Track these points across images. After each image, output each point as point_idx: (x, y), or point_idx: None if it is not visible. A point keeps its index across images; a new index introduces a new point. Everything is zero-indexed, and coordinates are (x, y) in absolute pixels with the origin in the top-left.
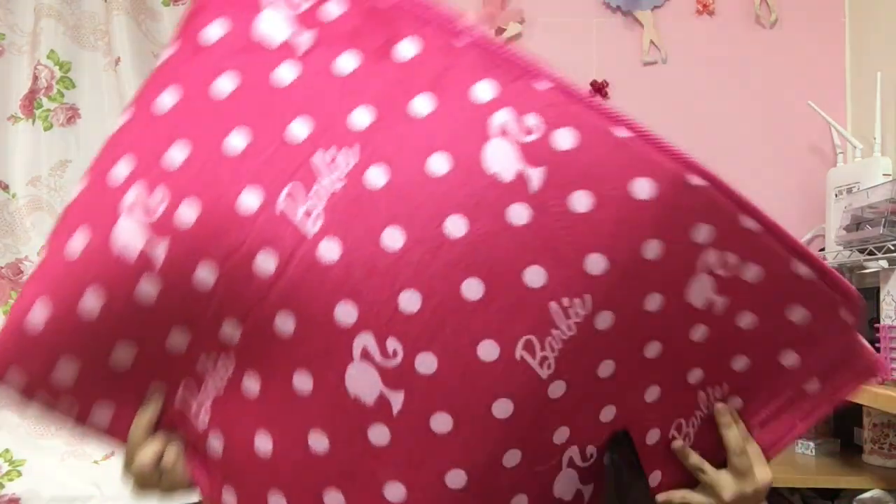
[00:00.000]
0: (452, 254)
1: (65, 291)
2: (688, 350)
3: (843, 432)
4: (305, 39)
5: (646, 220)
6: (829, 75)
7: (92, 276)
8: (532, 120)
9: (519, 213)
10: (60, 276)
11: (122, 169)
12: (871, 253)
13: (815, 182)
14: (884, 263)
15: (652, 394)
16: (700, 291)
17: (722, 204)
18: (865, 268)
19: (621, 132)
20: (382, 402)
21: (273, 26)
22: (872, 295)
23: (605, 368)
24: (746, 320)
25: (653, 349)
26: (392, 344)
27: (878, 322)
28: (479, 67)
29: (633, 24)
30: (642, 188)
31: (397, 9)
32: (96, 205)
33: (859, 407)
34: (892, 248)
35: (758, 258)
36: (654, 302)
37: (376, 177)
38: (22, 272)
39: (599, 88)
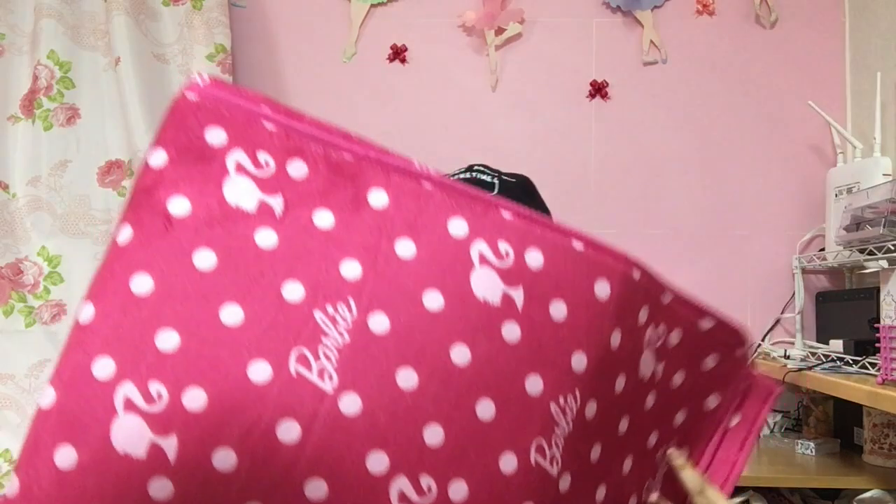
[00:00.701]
0: (463, 381)
1: None
2: (645, 418)
3: (843, 432)
4: (278, 202)
5: (609, 315)
6: (829, 75)
7: (94, 489)
8: (504, 246)
9: (512, 331)
10: (53, 496)
11: (102, 370)
12: (871, 253)
13: (815, 182)
14: (884, 263)
15: (627, 465)
16: (647, 364)
17: (651, 287)
18: (865, 268)
19: (577, 244)
20: None
21: (243, 193)
22: (872, 295)
23: (595, 452)
24: (678, 379)
25: (623, 425)
26: (425, 480)
27: (878, 322)
28: (448, 207)
29: (633, 24)
30: (602, 289)
31: (360, 161)
32: (82, 408)
33: (859, 407)
34: (892, 248)
35: (676, 324)
36: (620, 383)
37: (379, 324)
38: (22, 272)
39: (599, 88)
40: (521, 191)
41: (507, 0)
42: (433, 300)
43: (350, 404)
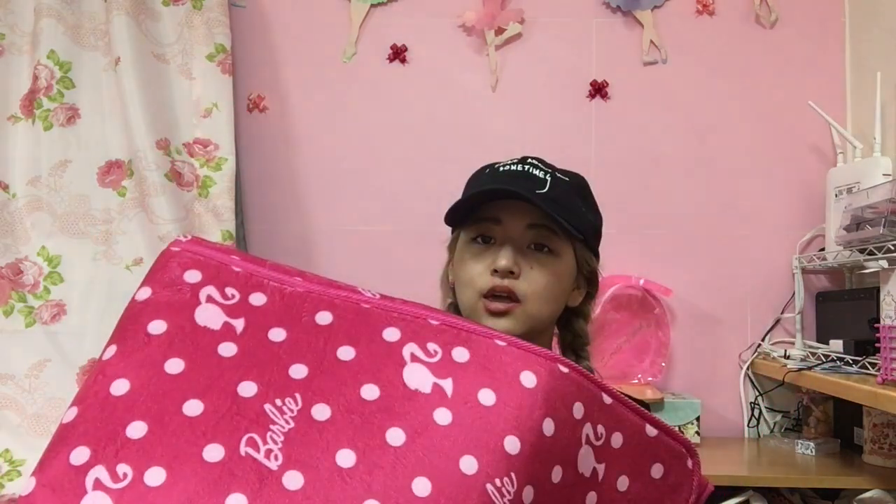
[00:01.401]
0: (398, 459)
1: None
2: None
3: (843, 432)
4: (240, 323)
5: (538, 403)
6: (829, 75)
7: None
8: (433, 346)
9: (443, 416)
10: None
11: (78, 457)
12: (871, 253)
13: (815, 182)
14: (884, 263)
15: None
16: (586, 461)
17: (585, 385)
18: (865, 268)
19: (500, 342)
20: None
21: (211, 316)
22: (872, 295)
23: None
24: (623, 483)
25: None
26: None
27: (878, 322)
28: (384, 320)
29: (633, 24)
30: (528, 378)
31: (309, 291)
32: (56, 491)
33: (859, 407)
34: (892, 248)
35: (618, 426)
36: (557, 474)
37: (321, 412)
38: (22, 272)
39: (599, 88)
40: (572, 189)
41: (507, 0)
42: (369, 391)
43: (292, 480)
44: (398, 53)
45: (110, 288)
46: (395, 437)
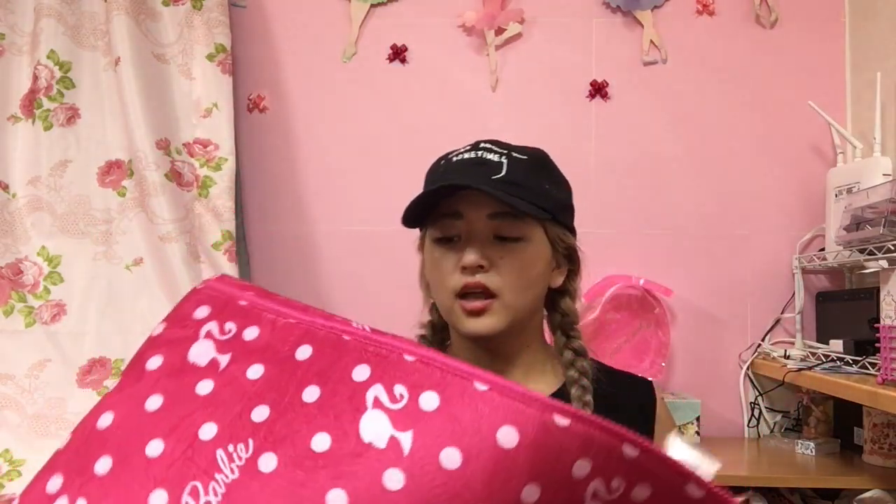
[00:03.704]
0: None
1: None
2: None
3: (843, 432)
4: (226, 359)
5: (518, 468)
6: (829, 75)
7: None
8: (400, 388)
9: (394, 478)
10: None
11: (53, 484)
12: (871, 253)
13: (815, 182)
14: (884, 263)
15: None
16: None
17: (596, 438)
18: (865, 268)
19: (481, 386)
20: None
21: (201, 352)
22: (872, 295)
23: None
24: None
25: None
26: None
27: (878, 322)
28: (358, 354)
29: (633, 24)
30: (508, 436)
31: (298, 323)
32: None
33: (859, 407)
34: (892, 248)
35: (644, 479)
36: None
37: (266, 463)
38: (22, 272)
39: (599, 88)
40: (532, 167)
41: (507, 0)
42: (321, 441)
43: None
44: (398, 53)
45: (110, 288)
46: (336, 498)
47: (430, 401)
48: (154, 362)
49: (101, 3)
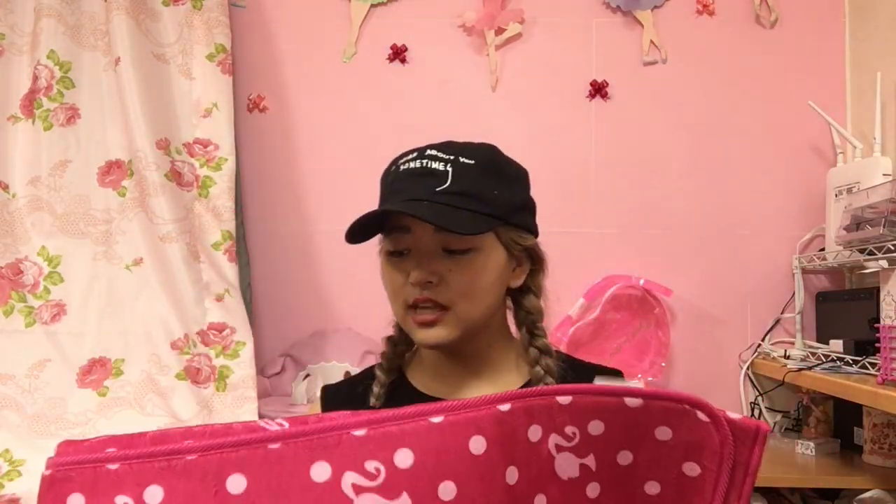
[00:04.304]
0: None
1: None
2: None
3: (843, 432)
4: None
5: (494, 461)
6: (829, 75)
7: None
8: (371, 465)
9: None
10: None
11: None
12: (871, 253)
13: (815, 182)
14: (884, 263)
15: None
16: (567, 466)
17: (534, 405)
18: (865, 268)
19: (436, 419)
20: None
21: None
22: (872, 295)
23: None
24: (626, 457)
25: None
26: None
27: (878, 322)
28: (303, 457)
29: (633, 24)
30: (477, 444)
31: (206, 457)
32: None
33: (859, 407)
34: (892, 248)
35: (590, 416)
36: (541, 501)
37: None
38: (22, 272)
39: (599, 88)
40: (480, 172)
41: (507, 0)
42: None
43: None
44: (398, 53)
45: (110, 288)
46: None
47: (404, 458)
48: None
49: (101, 3)
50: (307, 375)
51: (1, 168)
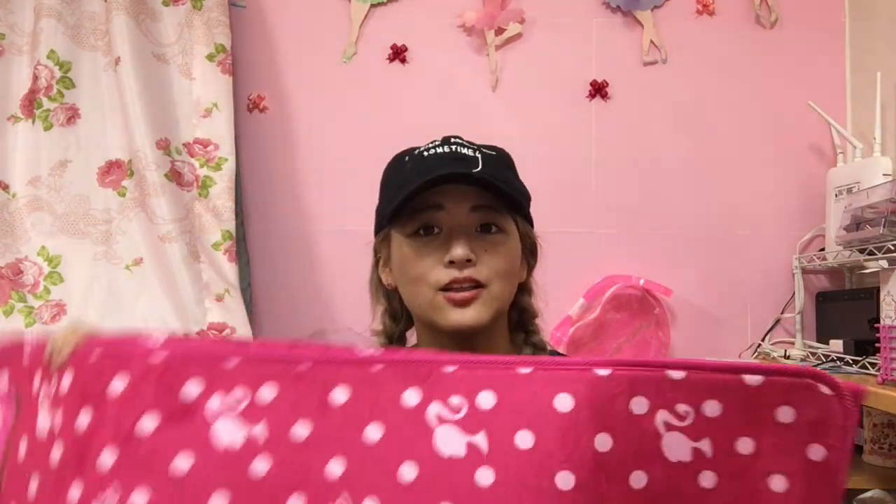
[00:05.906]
0: None
1: None
2: (708, 498)
3: None
4: (260, 430)
5: (582, 424)
6: (829, 75)
7: None
8: (455, 400)
9: (485, 476)
10: None
11: None
12: (871, 253)
13: (815, 182)
14: (884, 263)
15: None
16: (677, 448)
17: (641, 375)
18: (865, 268)
19: (524, 370)
20: None
21: (229, 432)
22: (872, 295)
23: None
24: (746, 445)
25: None
26: None
27: (878, 322)
28: (399, 381)
29: (633, 24)
30: (563, 402)
31: (315, 367)
32: None
33: (859, 407)
34: (892, 248)
35: (706, 396)
36: (639, 479)
37: None
38: (22, 272)
39: (599, 88)
40: (502, 162)
41: (507, 0)
42: (408, 472)
43: None
44: (398, 53)
45: (110, 288)
46: None
47: (487, 400)
48: (182, 463)
49: (101, 3)
50: None
51: (1, 168)
